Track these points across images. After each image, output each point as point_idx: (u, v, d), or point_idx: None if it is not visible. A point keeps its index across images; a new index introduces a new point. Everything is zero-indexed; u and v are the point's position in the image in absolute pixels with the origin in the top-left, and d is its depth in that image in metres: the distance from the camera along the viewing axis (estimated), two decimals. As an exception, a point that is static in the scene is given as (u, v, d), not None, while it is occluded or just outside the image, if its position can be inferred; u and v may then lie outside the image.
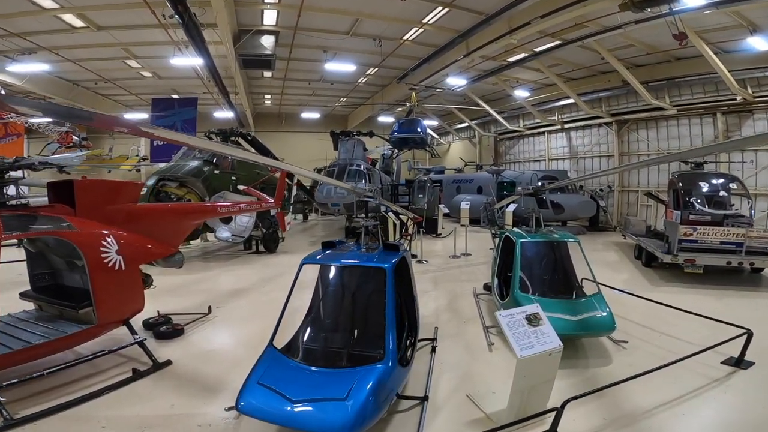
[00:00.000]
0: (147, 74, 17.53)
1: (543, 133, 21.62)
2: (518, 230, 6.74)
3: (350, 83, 20.35)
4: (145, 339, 5.00)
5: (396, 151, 18.66)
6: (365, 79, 19.26)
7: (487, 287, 7.74)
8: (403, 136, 17.88)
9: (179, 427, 3.72)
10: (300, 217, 21.63)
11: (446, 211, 15.95)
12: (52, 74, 16.45)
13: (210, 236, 12.29)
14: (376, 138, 19.12)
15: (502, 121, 22.50)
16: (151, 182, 10.19)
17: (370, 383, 3.31)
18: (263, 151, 14.95)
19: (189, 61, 13.49)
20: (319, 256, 4.52)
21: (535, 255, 6.36)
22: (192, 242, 12.75)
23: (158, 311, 6.21)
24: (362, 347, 4.27)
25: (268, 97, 23.94)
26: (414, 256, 11.65)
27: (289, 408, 3.16)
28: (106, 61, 15.20)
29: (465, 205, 12.70)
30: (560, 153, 20.99)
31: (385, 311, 3.88)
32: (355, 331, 4.55)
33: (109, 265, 4.54)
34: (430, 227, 15.27)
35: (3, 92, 16.46)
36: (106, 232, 4.66)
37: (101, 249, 4.50)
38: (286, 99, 23.74)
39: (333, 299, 4.85)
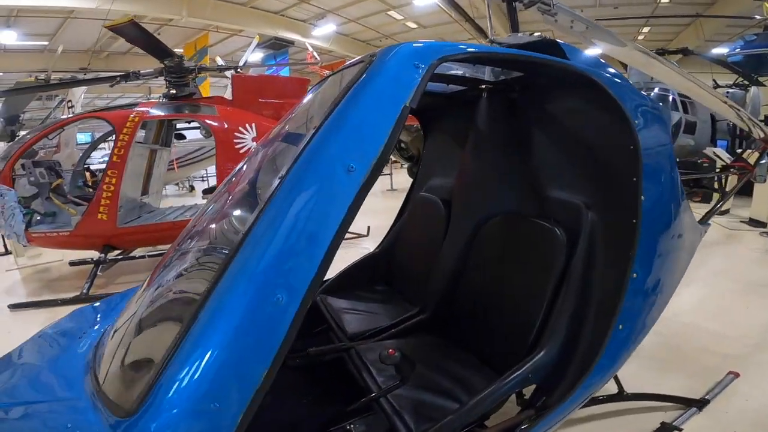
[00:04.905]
0: (412, 25, 18.80)
1: None
2: None
3: (644, 4, 14.85)
4: None
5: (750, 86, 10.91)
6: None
7: None
8: (756, 51, 10.83)
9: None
10: None
11: None
12: (350, 36, 20.32)
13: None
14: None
15: None
16: None
17: None
18: None
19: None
20: None
21: None
22: None
23: None
24: None
25: (537, 33, 21.02)
26: (758, 222, 7.11)
27: None
28: (373, 16, 17.36)
29: None
30: None
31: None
32: None
33: (241, 152, 4.60)
34: None
35: (318, 58, 22.01)
36: (246, 119, 4.72)
37: (235, 133, 4.59)
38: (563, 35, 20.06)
39: None
